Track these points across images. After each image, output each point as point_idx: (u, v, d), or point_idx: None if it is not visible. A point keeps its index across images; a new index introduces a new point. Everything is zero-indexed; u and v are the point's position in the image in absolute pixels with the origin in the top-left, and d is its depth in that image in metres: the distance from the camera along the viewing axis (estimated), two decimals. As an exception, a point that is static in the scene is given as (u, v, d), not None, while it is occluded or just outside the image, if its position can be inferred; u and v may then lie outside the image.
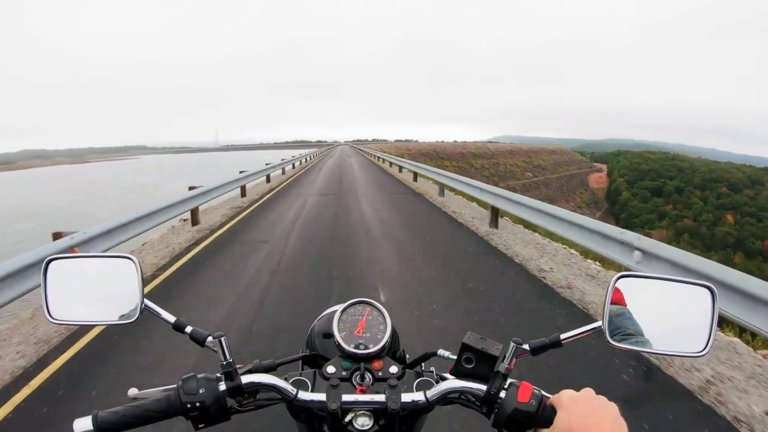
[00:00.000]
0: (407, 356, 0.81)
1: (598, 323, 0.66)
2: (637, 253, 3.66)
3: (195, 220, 7.68)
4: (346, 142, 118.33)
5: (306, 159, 27.61)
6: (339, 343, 0.74)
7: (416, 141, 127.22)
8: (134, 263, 0.72)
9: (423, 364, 0.76)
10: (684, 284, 0.67)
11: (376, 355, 0.73)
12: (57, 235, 4.06)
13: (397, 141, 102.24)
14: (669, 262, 3.30)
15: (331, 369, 0.70)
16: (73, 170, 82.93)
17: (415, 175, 14.72)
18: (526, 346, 0.66)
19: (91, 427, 0.59)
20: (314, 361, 0.79)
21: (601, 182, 79.96)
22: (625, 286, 0.67)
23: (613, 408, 0.55)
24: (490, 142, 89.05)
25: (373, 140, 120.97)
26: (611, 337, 0.65)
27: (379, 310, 0.79)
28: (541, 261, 5.28)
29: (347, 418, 0.64)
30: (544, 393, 0.61)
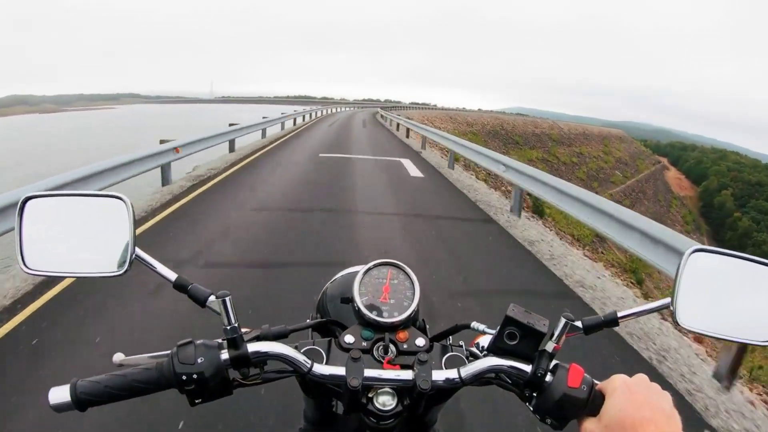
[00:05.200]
0: (427, 326, 0.72)
1: (666, 300, 0.58)
2: None
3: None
4: (355, 101, 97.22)
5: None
6: (359, 309, 0.64)
7: (434, 106, 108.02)
8: (125, 204, 0.59)
9: (451, 337, 0.67)
10: (763, 266, 0.58)
11: (402, 325, 0.63)
12: None
13: (413, 104, 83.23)
14: None
15: (349, 338, 0.61)
16: (34, 120, 66.59)
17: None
18: (578, 324, 0.57)
19: (68, 398, 0.50)
20: (325, 328, 0.72)
21: (683, 187, 62.17)
22: (699, 261, 0.59)
23: (667, 399, 0.48)
24: (520, 114, 71.40)
25: (386, 101, 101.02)
26: (680, 316, 0.57)
27: (407, 274, 0.69)
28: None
29: (367, 396, 0.56)
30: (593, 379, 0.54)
